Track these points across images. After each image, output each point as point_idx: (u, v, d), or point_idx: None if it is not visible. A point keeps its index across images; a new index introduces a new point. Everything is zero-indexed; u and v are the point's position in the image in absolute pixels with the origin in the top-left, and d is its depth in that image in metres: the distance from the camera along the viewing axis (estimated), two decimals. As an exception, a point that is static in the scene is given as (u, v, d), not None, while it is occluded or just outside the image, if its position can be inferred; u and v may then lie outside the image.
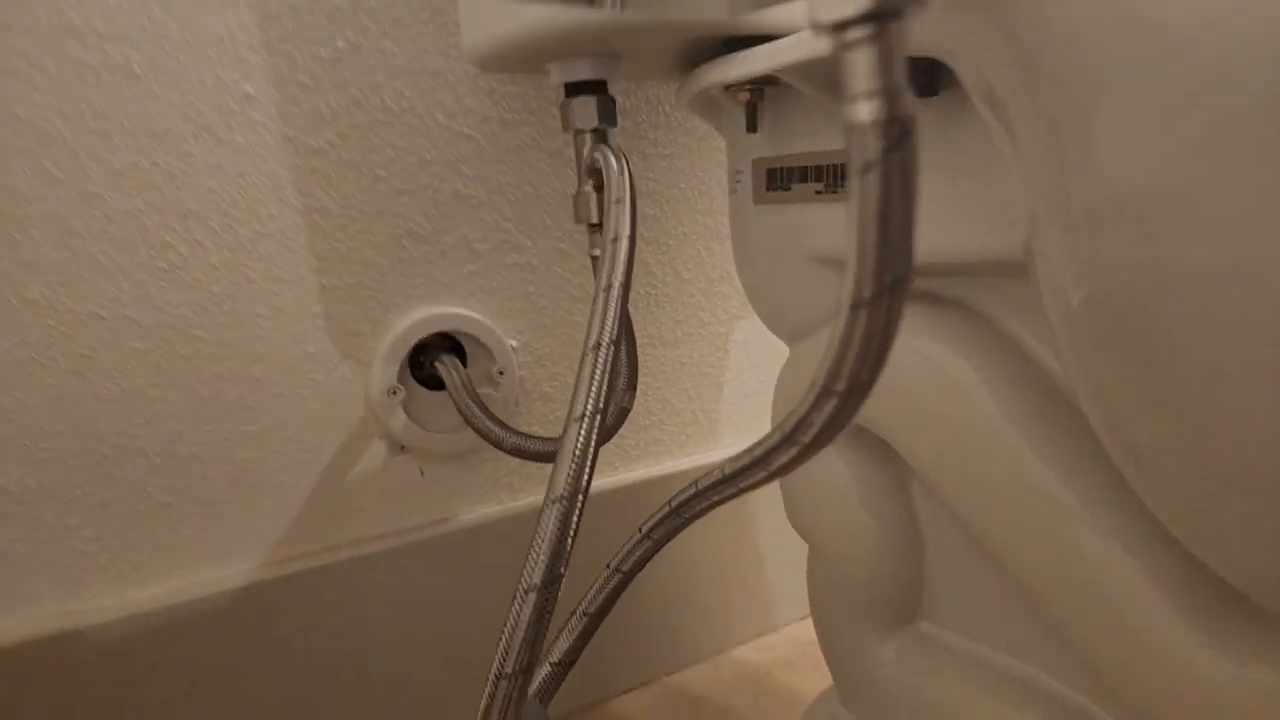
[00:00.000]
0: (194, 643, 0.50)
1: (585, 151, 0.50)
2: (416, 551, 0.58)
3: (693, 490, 0.34)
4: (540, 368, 0.63)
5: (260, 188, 0.51)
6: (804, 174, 0.48)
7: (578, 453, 0.32)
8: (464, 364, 0.59)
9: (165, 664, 0.49)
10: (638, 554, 0.38)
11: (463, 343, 0.59)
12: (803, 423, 0.24)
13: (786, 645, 0.74)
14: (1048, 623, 0.45)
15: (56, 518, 0.48)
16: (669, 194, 0.65)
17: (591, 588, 0.39)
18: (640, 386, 0.68)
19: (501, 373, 0.60)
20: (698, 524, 0.70)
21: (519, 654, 0.30)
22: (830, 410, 0.23)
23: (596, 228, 0.52)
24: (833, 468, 0.53)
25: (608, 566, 0.38)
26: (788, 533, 0.77)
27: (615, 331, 0.34)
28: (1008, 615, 0.49)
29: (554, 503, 0.31)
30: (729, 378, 0.72)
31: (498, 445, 0.51)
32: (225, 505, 0.52)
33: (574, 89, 0.49)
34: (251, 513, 0.53)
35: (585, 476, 0.32)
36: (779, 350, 0.69)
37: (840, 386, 0.22)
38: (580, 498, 0.32)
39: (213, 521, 0.52)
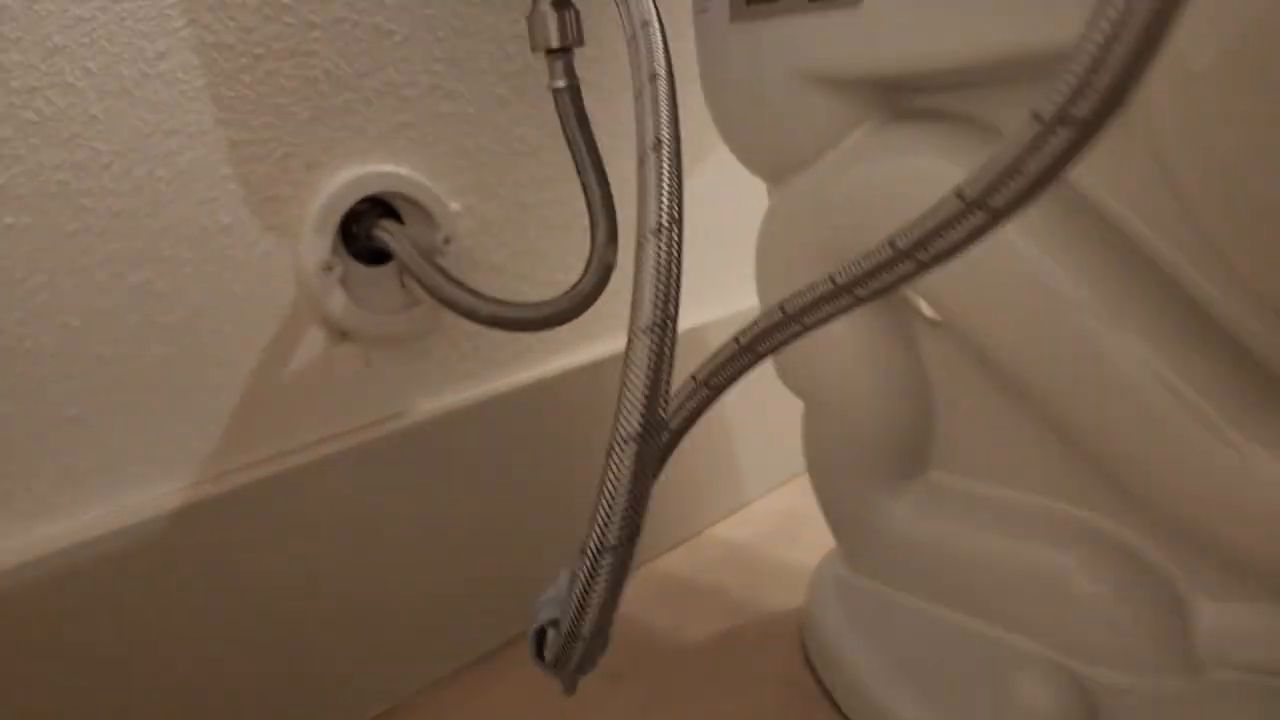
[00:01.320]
0: (119, 582, 0.42)
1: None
2: (370, 454, 0.50)
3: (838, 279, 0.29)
4: (488, 235, 0.55)
5: (141, 16, 0.40)
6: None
7: (662, 271, 0.26)
8: (403, 234, 0.51)
9: (85, 611, 0.41)
10: (733, 368, 0.32)
11: (398, 209, 0.51)
12: (1012, 168, 0.19)
13: (763, 519, 0.72)
14: (1078, 446, 0.43)
15: (-69, 442, 0.38)
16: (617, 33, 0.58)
17: (677, 398, 0.33)
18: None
19: (448, 241, 0.52)
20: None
21: (624, 519, 0.25)
22: (1065, 144, 0.18)
23: (557, 54, 0.44)
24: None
25: (693, 379, 0.32)
26: (753, 402, 0.75)
27: (673, 130, 0.28)
28: (1033, 452, 0.47)
29: (644, 333, 0.25)
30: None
31: (471, 316, 0.44)
32: (142, 414, 0.43)
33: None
34: (174, 421, 0.44)
35: (673, 300, 0.26)
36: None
37: (1102, 83, 0.17)
38: (671, 324, 0.26)
39: (130, 435, 0.43)
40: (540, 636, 0.28)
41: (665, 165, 0.27)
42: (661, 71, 0.29)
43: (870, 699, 0.47)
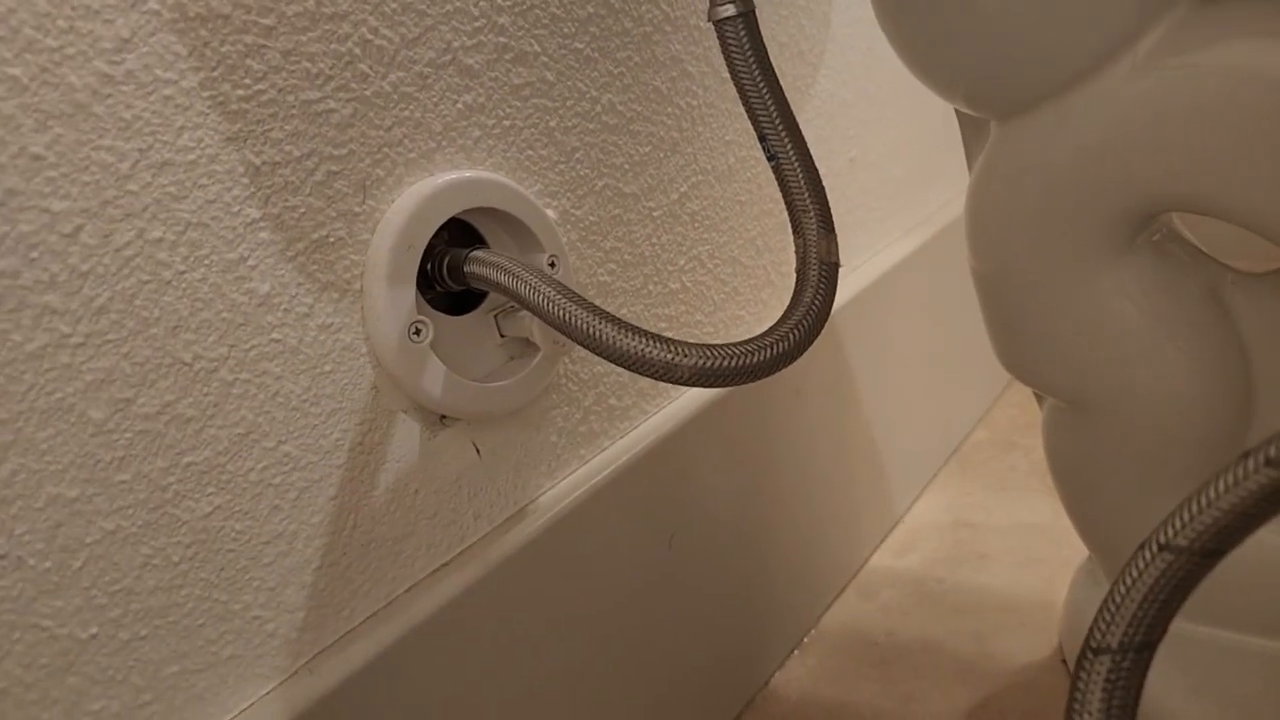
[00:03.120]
0: None
1: None
2: (503, 573, 0.36)
3: None
4: (589, 246, 0.40)
5: (80, -20, 0.25)
6: None
7: None
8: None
9: None
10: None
11: (479, 229, 0.36)
12: None
13: (926, 538, 0.59)
14: None
15: None
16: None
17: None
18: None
19: (554, 263, 0.37)
20: (791, 450, 0.52)
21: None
22: None
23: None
24: (1111, 287, 0.36)
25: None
26: (882, 394, 0.63)
27: None
28: None
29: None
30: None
31: (666, 375, 0.29)
32: (189, 600, 0.28)
33: None
34: (240, 601, 0.29)
35: None
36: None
37: None
38: None
39: (172, 640, 0.28)
40: None
41: None
42: None
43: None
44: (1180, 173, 0.33)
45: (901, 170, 0.65)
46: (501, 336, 0.37)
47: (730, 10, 0.30)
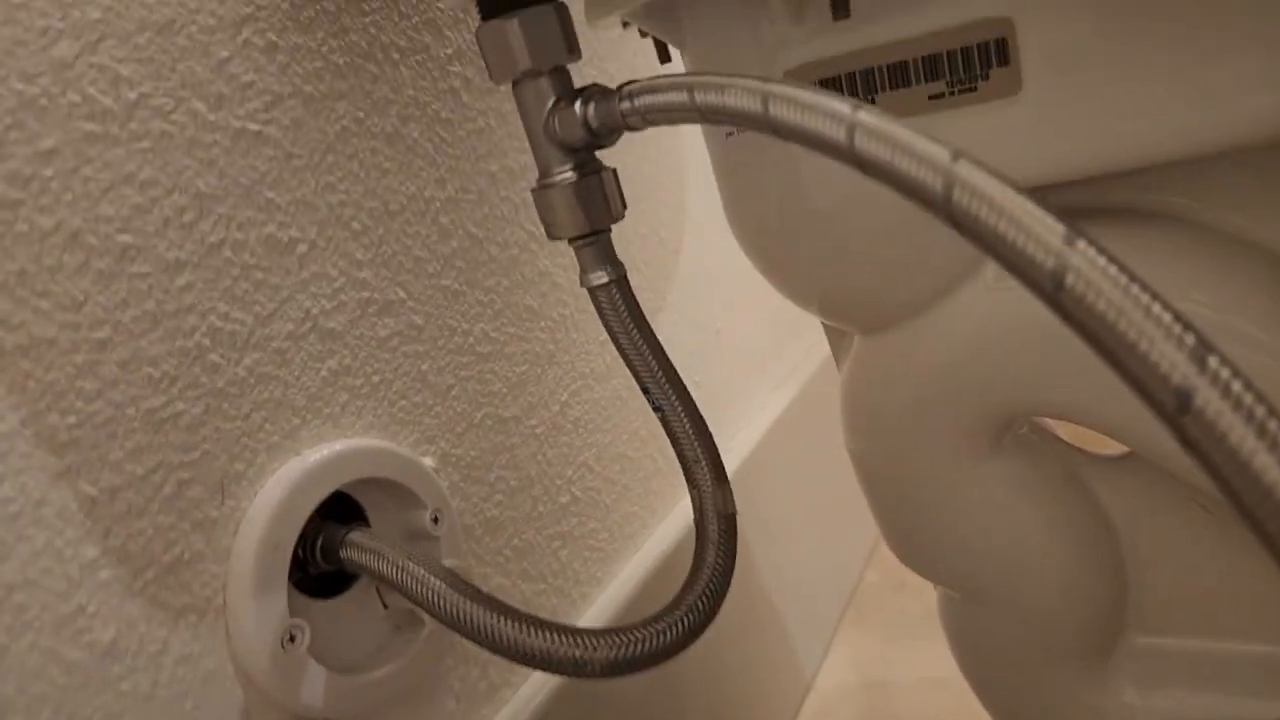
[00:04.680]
0: None
1: (548, 110, 0.27)
2: None
3: None
4: (472, 483, 0.38)
5: None
6: (902, 74, 0.31)
7: None
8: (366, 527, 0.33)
9: None
10: None
11: (355, 496, 0.33)
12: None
13: (839, 705, 0.58)
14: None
15: None
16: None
17: None
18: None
19: (437, 518, 0.35)
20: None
21: None
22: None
23: (588, 241, 0.29)
24: (983, 488, 0.37)
25: None
26: (775, 552, 0.63)
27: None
28: (1259, 592, 0.37)
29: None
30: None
31: (577, 672, 0.27)
32: None
33: (496, 5, 0.27)
34: None
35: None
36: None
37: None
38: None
39: None
40: None
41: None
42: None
43: None
44: (1029, 384, 0.34)
45: (766, 330, 0.66)
46: (385, 608, 0.34)
47: (603, 278, 0.29)
